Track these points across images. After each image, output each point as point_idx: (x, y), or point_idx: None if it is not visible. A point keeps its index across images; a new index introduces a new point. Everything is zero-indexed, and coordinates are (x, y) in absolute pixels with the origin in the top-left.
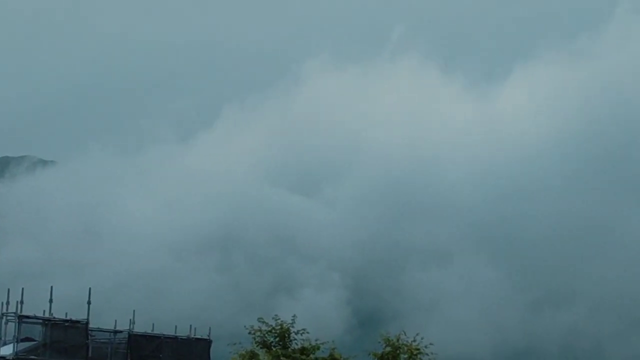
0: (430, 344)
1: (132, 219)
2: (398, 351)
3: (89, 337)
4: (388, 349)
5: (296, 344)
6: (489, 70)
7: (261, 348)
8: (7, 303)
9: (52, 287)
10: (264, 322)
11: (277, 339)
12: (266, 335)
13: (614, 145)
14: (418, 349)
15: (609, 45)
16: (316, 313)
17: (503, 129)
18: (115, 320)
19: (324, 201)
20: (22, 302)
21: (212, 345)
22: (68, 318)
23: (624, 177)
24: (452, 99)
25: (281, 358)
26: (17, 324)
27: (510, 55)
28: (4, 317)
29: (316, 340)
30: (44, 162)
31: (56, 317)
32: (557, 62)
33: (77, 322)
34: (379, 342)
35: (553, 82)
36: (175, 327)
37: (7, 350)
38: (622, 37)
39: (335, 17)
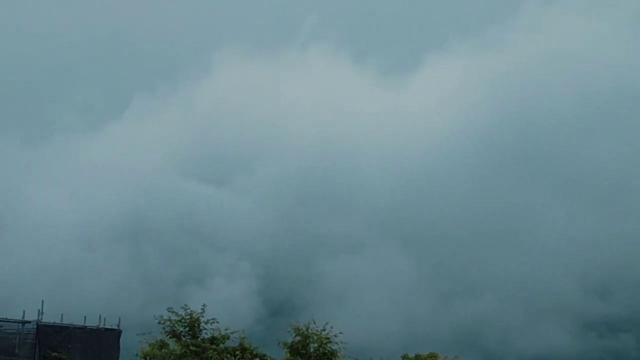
0: (340, 332)
1: (39, 210)
2: (308, 340)
3: None
4: (298, 338)
5: (206, 333)
6: (401, 60)
7: (171, 338)
8: None
9: None
10: (173, 312)
11: (187, 328)
12: (176, 325)
13: (523, 137)
14: (327, 338)
15: (518, 37)
16: (227, 303)
17: (414, 120)
18: (24, 311)
19: (235, 191)
20: None
21: (122, 335)
22: None
23: (534, 170)
24: (364, 89)
25: (191, 347)
26: None
27: (421, 45)
28: None
29: (226, 329)
30: None
31: None
32: (467, 53)
33: None
34: (289, 332)
35: (463, 74)
36: (85, 317)
37: None
38: (531, 28)
39: (247, 6)
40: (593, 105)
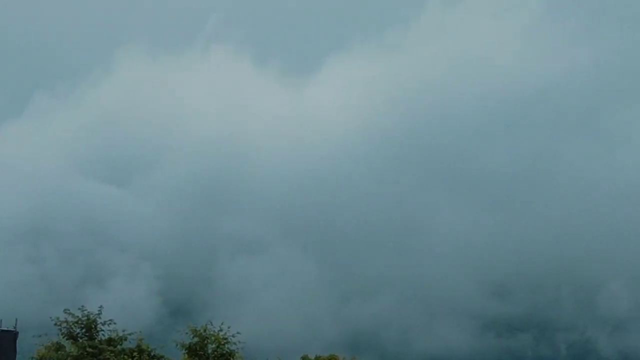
0: (238, 333)
1: None
2: (205, 341)
3: None
4: (195, 339)
5: (103, 335)
6: (302, 61)
7: (67, 339)
8: None
9: None
10: (70, 313)
11: (84, 330)
12: (72, 326)
13: (422, 140)
14: (225, 339)
15: (419, 39)
16: (126, 304)
17: (315, 121)
18: None
19: (136, 192)
20: None
21: (19, 337)
22: None
23: (433, 172)
24: (265, 91)
25: (87, 349)
26: None
27: (323, 46)
28: None
29: (124, 331)
30: None
31: None
32: (369, 55)
33: None
34: (187, 333)
35: (364, 75)
36: None
37: None
38: (432, 30)
39: (151, 5)
40: (491, 108)
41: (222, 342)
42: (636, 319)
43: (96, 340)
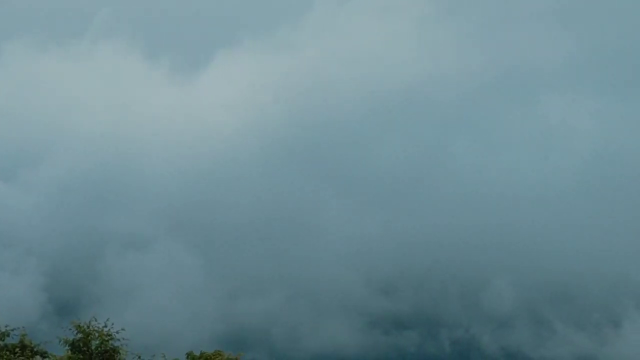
0: (122, 329)
1: None
2: (89, 337)
3: None
4: (79, 335)
5: None
6: (192, 57)
7: None
8: None
9: None
10: None
11: None
12: None
13: (311, 137)
14: (109, 335)
15: (309, 37)
16: (11, 299)
17: (204, 118)
18: None
19: (21, 187)
20: None
21: None
22: None
23: (322, 169)
24: (154, 87)
25: None
26: None
27: (213, 43)
28: None
29: (6, 326)
30: None
31: None
32: (259, 52)
33: None
34: (70, 329)
35: (253, 72)
36: None
37: None
38: (322, 28)
39: None
40: (380, 106)
41: (106, 339)
42: (519, 316)
43: None
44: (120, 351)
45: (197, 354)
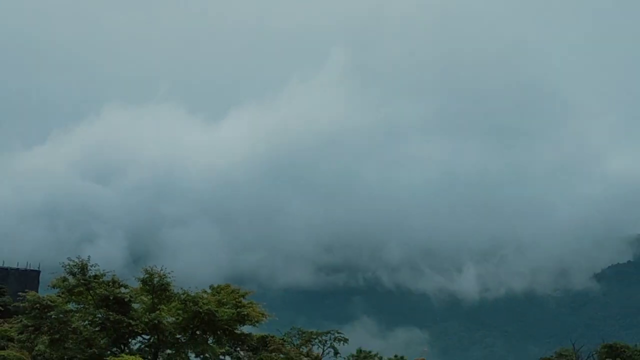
0: (172, 271)
1: None
2: (153, 276)
3: None
4: (147, 275)
5: (91, 272)
6: (216, 112)
7: (69, 275)
8: None
9: None
10: (70, 259)
11: (79, 269)
12: (72, 267)
13: (286, 160)
14: (165, 275)
15: (285, 100)
16: (106, 254)
17: (223, 149)
18: None
19: (113, 189)
20: None
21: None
22: None
23: (292, 181)
24: (194, 130)
25: (81, 281)
26: None
27: (228, 103)
28: None
29: (103, 269)
30: None
31: None
32: (256, 109)
33: None
34: (141, 272)
35: (252, 122)
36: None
37: None
38: (294, 95)
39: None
40: (326, 144)
41: (163, 277)
42: (404, 264)
43: (87, 276)
44: (171, 286)
45: (215, 285)
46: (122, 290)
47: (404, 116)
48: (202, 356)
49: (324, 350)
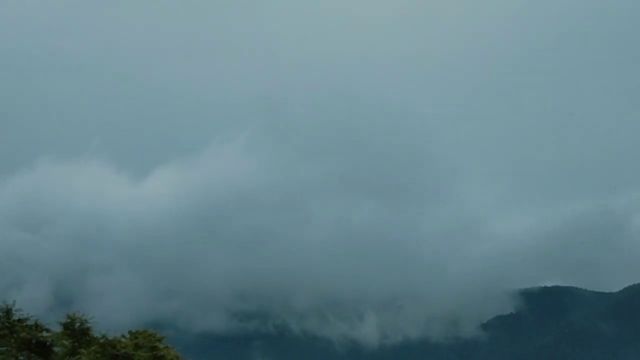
0: (93, 317)
1: None
2: (74, 321)
3: None
4: (69, 320)
5: None
6: (142, 169)
7: None
8: None
9: None
10: None
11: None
12: None
13: (206, 213)
14: (85, 320)
15: (205, 160)
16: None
17: (148, 202)
18: None
19: (42, 237)
20: None
21: None
22: None
23: (212, 230)
24: (121, 185)
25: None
26: None
27: (153, 161)
28: None
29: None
30: None
31: None
32: (178, 167)
33: None
34: (64, 317)
35: (175, 178)
36: None
37: None
38: (212, 156)
39: None
40: (238, 199)
41: (84, 321)
42: (311, 312)
43: (11, 320)
44: (91, 330)
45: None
46: (44, 334)
47: (311, 175)
48: None
49: None
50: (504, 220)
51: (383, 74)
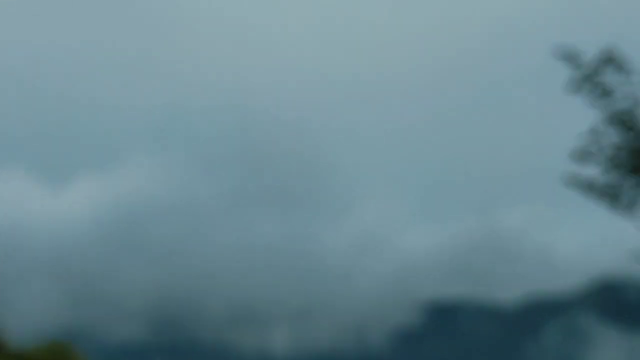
0: None
1: None
2: None
3: None
4: None
5: None
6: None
7: None
8: None
9: None
10: None
11: None
12: None
13: (123, 225)
14: None
15: (119, 175)
16: None
17: (65, 211)
18: None
19: None
20: None
21: None
22: None
23: (131, 243)
24: (36, 194)
25: None
26: None
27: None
28: None
29: None
30: None
31: None
32: (94, 178)
33: None
34: None
35: (92, 188)
36: None
37: None
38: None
39: None
40: (152, 216)
41: None
42: (226, 322)
43: None
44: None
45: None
46: None
47: (223, 187)
48: None
49: None
50: (410, 235)
51: (284, 83)
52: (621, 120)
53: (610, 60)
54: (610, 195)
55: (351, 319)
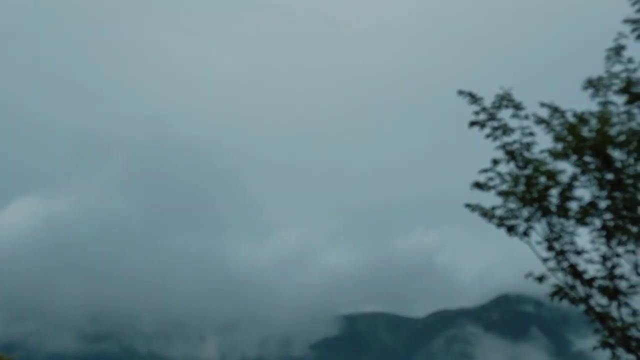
0: None
1: None
2: None
3: None
4: None
5: None
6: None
7: None
8: None
9: None
10: None
11: None
12: None
13: (63, 244)
14: None
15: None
16: None
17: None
18: None
19: None
20: None
21: None
22: None
23: (68, 263)
24: None
25: None
26: None
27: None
28: None
29: None
30: None
31: None
32: (40, 197)
33: None
34: None
35: (33, 209)
36: None
37: None
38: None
39: None
40: (105, 233)
41: None
42: (158, 334)
43: None
44: None
45: None
46: None
47: (155, 205)
48: None
49: None
50: (332, 253)
51: (199, 105)
52: (516, 155)
53: (506, 101)
54: (507, 222)
55: (276, 331)
